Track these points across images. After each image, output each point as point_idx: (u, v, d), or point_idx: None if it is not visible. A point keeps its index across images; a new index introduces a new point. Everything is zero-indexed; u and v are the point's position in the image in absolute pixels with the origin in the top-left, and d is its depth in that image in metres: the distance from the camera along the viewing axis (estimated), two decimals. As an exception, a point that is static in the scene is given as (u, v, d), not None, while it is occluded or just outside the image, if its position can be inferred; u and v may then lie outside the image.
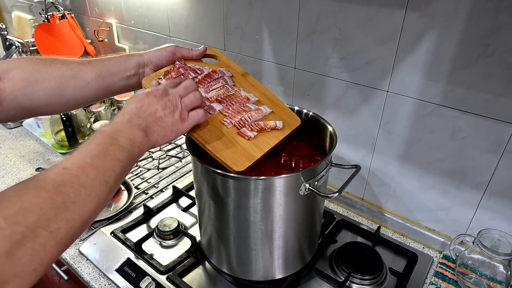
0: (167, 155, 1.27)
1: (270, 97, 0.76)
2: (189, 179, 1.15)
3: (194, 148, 0.69)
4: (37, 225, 0.38)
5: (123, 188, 1.09)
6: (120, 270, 0.83)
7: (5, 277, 0.34)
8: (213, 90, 0.71)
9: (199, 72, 0.72)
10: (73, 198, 0.42)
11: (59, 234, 0.40)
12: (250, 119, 0.68)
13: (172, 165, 1.23)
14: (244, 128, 0.67)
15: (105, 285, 0.81)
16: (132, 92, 1.52)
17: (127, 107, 0.57)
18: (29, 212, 0.38)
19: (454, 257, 0.83)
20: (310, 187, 0.64)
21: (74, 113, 1.27)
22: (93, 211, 0.45)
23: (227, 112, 0.68)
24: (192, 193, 1.03)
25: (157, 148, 1.32)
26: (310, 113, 0.82)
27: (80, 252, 0.88)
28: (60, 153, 1.28)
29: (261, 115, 0.70)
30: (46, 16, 1.58)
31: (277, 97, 0.76)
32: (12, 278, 0.35)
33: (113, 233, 0.92)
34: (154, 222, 0.97)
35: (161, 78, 0.70)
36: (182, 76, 0.70)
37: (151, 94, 0.58)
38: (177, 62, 0.72)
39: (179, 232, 0.91)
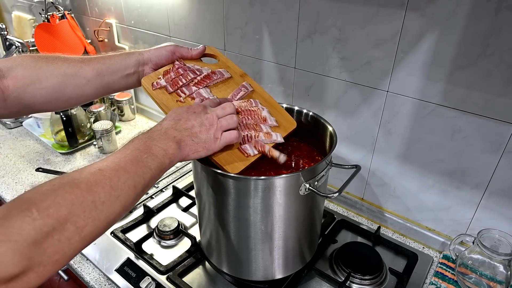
0: (167, 155, 1.27)
1: (267, 99, 0.76)
2: (189, 179, 1.15)
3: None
4: (66, 220, 0.40)
5: (123, 188, 1.09)
6: (120, 270, 0.83)
7: (30, 264, 0.36)
8: (237, 99, 0.72)
9: (198, 72, 0.72)
10: (103, 198, 0.44)
11: (84, 231, 0.42)
12: (256, 138, 0.67)
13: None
14: (246, 145, 0.66)
15: (105, 285, 0.81)
16: (132, 91, 1.53)
17: (167, 118, 0.60)
18: (61, 207, 0.40)
19: (454, 257, 0.83)
20: (310, 187, 0.64)
21: (74, 113, 1.27)
22: (119, 213, 0.47)
23: (239, 124, 0.67)
24: (192, 193, 1.04)
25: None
26: (310, 113, 0.82)
27: (80, 252, 0.88)
28: (60, 153, 1.28)
29: (269, 140, 0.69)
30: (46, 16, 1.58)
31: (274, 99, 0.77)
32: (36, 265, 0.37)
33: (113, 233, 0.92)
34: (154, 222, 0.97)
35: (160, 77, 0.71)
36: (181, 76, 0.70)
37: (191, 109, 0.61)
38: (176, 62, 0.72)
39: (179, 232, 0.91)
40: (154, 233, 0.92)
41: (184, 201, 1.04)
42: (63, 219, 0.40)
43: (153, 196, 1.08)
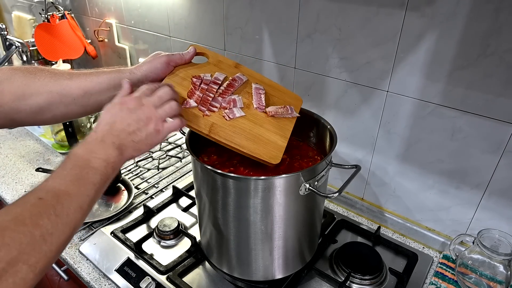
0: (167, 155, 1.28)
1: (268, 83, 0.76)
2: (189, 179, 1.15)
3: (194, 148, 0.70)
4: (18, 260, 0.39)
5: (123, 188, 1.09)
6: (120, 270, 0.83)
7: None
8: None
9: (218, 82, 0.71)
10: (50, 229, 0.43)
11: (38, 267, 0.41)
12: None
13: (172, 165, 1.23)
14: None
15: (105, 285, 0.81)
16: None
17: (100, 122, 0.56)
18: (10, 248, 0.38)
19: (454, 257, 0.83)
20: (310, 187, 0.64)
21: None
22: (69, 237, 0.46)
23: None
24: (192, 193, 1.04)
25: (157, 148, 1.32)
26: (310, 113, 0.82)
27: (80, 252, 0.88)
28: (60, 153, 1.28)
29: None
30: (46, 16, 1.58)
31: (276, 83, 0.77)
32: None
33: (113, 233, 0.92)
34: (154, 222, 0.97)
35: (186, 99, 0.68)
36: (207, 91, 0.68)
37: (124, 106, 0.56)
38: (194, 79, 0.70)
39: (179, 232, 0.91)
40: (154, 233, 0.92)
41: (184, 201, 1.04)
42: (14, 260, 0.38)
43: (153, 196, 1.08)
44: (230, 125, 0.67)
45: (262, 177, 0.63)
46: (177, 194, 1.06)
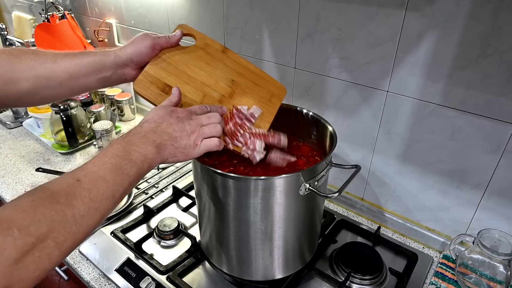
0: (167, 155, 1.27)
1: (253, 70, 0.76)
2: (189, 179, 1.15)
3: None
4: (47, 237, 0.40)
5: (123, 188, 1.09)
6: (120, 270, 0.83)
7: (11, 281, 0.37)
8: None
9: (252, 119, 0.71)
10: (83, 212, 0.44)
11: (64, 246, 0.42)
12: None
13: (172, 165, 1.23)
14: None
15: (105, 285, 0.81)
16: (132, 91, 1.52)
17: (147, 118, 0.58)
18: (41, 224, 0.40)
19: (454, 257, 0.83)
20: (310, 187, 0.64)
21: (74, 113, 1.27)
22: (97, 223, 0.47)
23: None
24: (192, 193, 1.04)
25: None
26: (310, 113, 0.82)
27: (80, 252, 0.88)
28: (60, 153, 1.28)
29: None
30: (46, 16, 1.58)
31: (261, 69, 0.77)
32: (17, 282, 0.38)
33: (113, 233, 0.92)
34: (154, 222, 0.97)
35: (227, 141, 0.68)
36: (239, 127, 0.69)
37: (175, 113, 0.59)
38: (235, 111, 0.70)
39: (179, 232, 0.91)
40: (154, 233, 0.92)
41: (184, 201, 1.04)
42: (44, 236, 0.40)
43: (153, 196, 1.08)
44: None
45: (262, 177, 0.63)
46: (177, 194, 1.06)
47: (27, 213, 0.40)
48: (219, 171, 0.63)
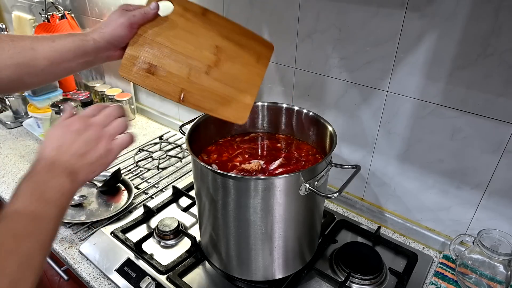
0: (167, 155, 1.28)
1: (237, 31, 0.73)
2: (189, 179, 1.15)
3: (194, 148, 0.70)
4: None
5: (123, 188, 1.09)
6: (120, 270, 0.83)
7: None
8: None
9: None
10: (18, 276, 0.40)
11: None
12: None
13: (172, 165, 1.23)
14: None
15: (105, 285, 0.81)
16: (132, 91, 1.52)
17: (46, 146, 0.52)
18: None
19: (454, 257, 0.83)
20: (310, 187, 0.64)
21: (74, 113, 1.26)
22: (36, 280, 0.42)
23: None
24: (192, 193, 1.03)
25: (157, 148, 1.32)
26: (310, 113, 0.82)
27: (80, 252, 0.88)
28: (60, 153, 1.28)
29: None
30: (46, 16, 1.58)
31: (245, 27, 0.74)
32: None
33: (113, 233, 0.92)
34: (154, 222, 0.97)
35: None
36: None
37: (69, 128, 0.53)
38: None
39: (179, 232, 0.91)
40: (154, 233, 0.92)
41: (184, 201, 1.04)
42: None
43: (153, 196, 1.08)
44: (199, 88, 0.69)
45: (262, 177, 0.63)
46: (177, 194, 1.06)
47: None
48: (219, 171, 0.63)
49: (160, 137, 1.38)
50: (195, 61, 0.69)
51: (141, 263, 0.84)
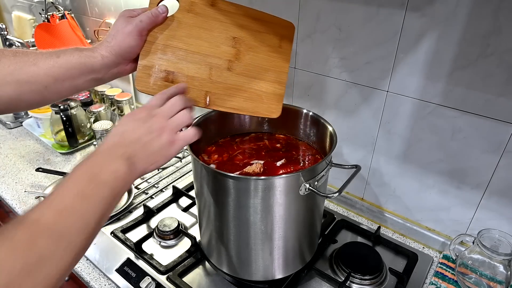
0: (167, 155, 1.27)
1: (253, 15, 0.67)
2: (189, 179, 1.15)
3: (194, 148, 0.69)
4: None
5: (123, 188, 1.09)
6: (120, 270, 0.83)
7: None
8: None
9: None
10: (49, 253, 0.38)
11: None
12: None
13: (172, 165, 1.23)
14: None
15: (105, 285, 0.81)
16: (132, 91, 1.52)
17: (110, 134, 0.52)
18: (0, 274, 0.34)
19: (454, 257, 0.83)
20: (310, 187, 0.64)
21: (74, 113, 1.27)
22: (73, 261, 0.42)
23: None
24: (192, 193, 1.03)
25: (157, 148, 1.32)
26: (310, 113, 0.82)
27: (80, 252, 0.88)
28: (60, 153, 1.28)
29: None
30: (46, 16, 1.58)
31: (259, 10, 0.68)
32: None
33: (113, 233, 0.92)
34: (154, 222, 0.97)
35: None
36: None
37: (135, 116, 0.54)
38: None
39: (179, 232, 0.91)
40: (154, 233, 0.92)
41: (184, 201, 1.04)
42: (4, 287, 0.34)
43: (153, 196, 1.08)
44: (224, 87, 0.64)
45: (262, 177, 0.63)
46: (177, 194, 1.06)
47: None
48: (219, 171, 0.63)
49: (160, 137, 1.38)
50: (214, 59, 0.64)
51: (141, 263, 0.84)
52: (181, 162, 1.24)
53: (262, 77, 0.66)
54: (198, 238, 0.86)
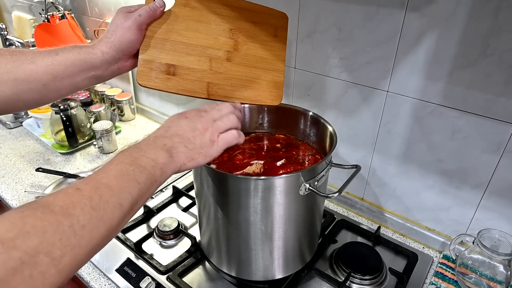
0: (167, 155, 1.27)
1: (247, 7, 0.68)
2: (189, 179, 1.15)
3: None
4: (38, 251, 0.34)
5: (123, 188, 1.09)
6: (120, 270, 0.83)
7: None
8: None
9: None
10: (82, 221, 0.38)
11: (62, 262, 0.36)
12: None
13: (172, 165, 1.22)
14: None
15: (105, 285, 0.81)
16: (132, 91, 1.52)
17: (158, 128, 0.55)
18: (30, 236, 0.34)
19: (454, 257, 0.83)
20: (310, 187, 0.64)
21: (74, 113, 1.27)
22: (104, 237, 0.41)
23: None
24: (192, 193, 1.04)
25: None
26: (310, 113, 0.82)
27: (80, 252, 0.88)
28: (60, 153, 1.28)
29: None
30: (46, 16, 1.58)
31: (252, 2, 0.69)
32: None
33: (113, 233, 0.91)
34: (154, 222, 0.97)
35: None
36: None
37: (183, 114, 0.56)
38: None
39: (179, 232, 0.91)
40: (154, 233, 0.92)
41: (184, 201, 1.04)
42: (33, 250, 0.33)
43: (153, 196, 1.08)
44: (225, 77, 0.65)
45: (262, 177, 0.63)
46: (177, 194, 1.06)
47: (13, 224, 0.34)
48: (219, 171, 0.63)
49: (160, 137, 1.38)
50: (213, 50, 0.65)
51: (141, 263, 0.84)
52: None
53: (261, 66, 0.67)
54: (198, 238, 0.87)
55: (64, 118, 1.20)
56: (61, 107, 1.19)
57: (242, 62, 0.67)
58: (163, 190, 1.10)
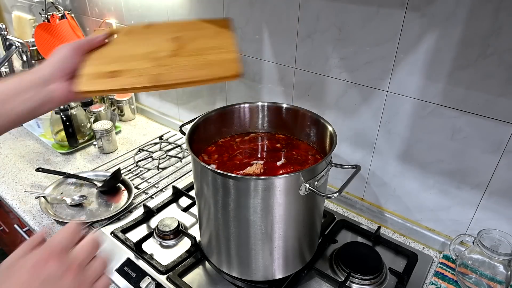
0: (167, 155, 1.27)
1: (192, 27, 0.69)
2: (189, 179, 1.15)
3: (194, 148, 0.69)
4: None
5: (123, 188, 1.09)
6: (120, 270, 0.83)
7: None
8: None
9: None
10: None
11: None
12: None
13: (172, 165, 1.23)
14: None
15: (105, 285, 0.81)
16: (132, 92, 1.52)
17: None
18: None
19: (454, 257, 0.83)
20: (310, 187, 0.64)
21: (74, 113, 1.27)
22: None
23: None
24: (192, 193, 1.03)
25: (157, 148, 1.32)
26: (310, 113, 0.82)
27: (80, 252, 0.88)
28: (60, 153, 1.28)
29: None
30: (46, 16, 1.58)
31: (198, 19, 0.71)
32: None
33: (113, 233, 0.92)
34: (154, 222, 0.97)
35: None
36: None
37: (41, 271, 0.38)
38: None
39: (179, 232, 0.91)
40: (154, 233, 0.92)
41: (184, 201, 1.04)
42: None
43: (153, 196, 1.08)
44: (173, 67, 0.62)
45: (262, 177, 0.63)
46: (177, 194, 1.06)
47: None
48: (219, 171, 0.63)
49: (160, 137, 1.38)
50: (158, 53, 0.64)
51: (141, 263, 0.84)
52: (181, 162, 1.24)
53: (209, 52, 0.65)
54: (198, 238, 0.86)
55: (64, 118, 1.20)
56: (61, 107, 1.19)
57: (190, 54, 0.64)
58: (163, 190, 1.11)
